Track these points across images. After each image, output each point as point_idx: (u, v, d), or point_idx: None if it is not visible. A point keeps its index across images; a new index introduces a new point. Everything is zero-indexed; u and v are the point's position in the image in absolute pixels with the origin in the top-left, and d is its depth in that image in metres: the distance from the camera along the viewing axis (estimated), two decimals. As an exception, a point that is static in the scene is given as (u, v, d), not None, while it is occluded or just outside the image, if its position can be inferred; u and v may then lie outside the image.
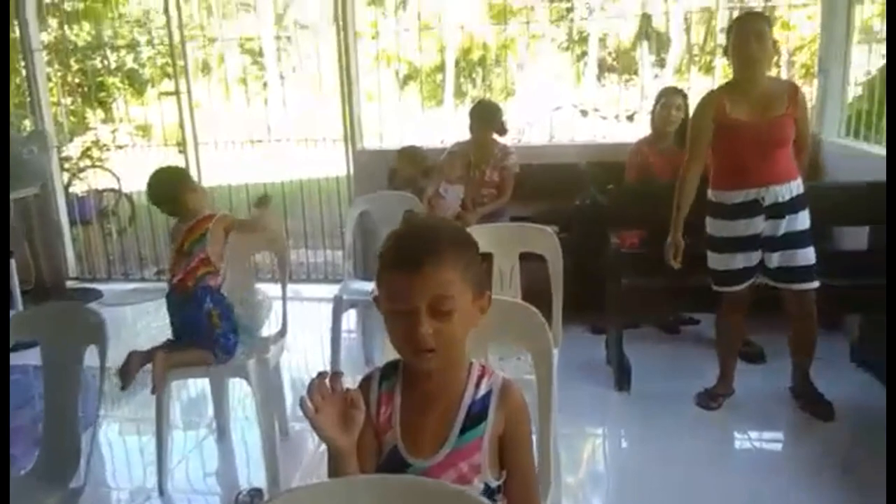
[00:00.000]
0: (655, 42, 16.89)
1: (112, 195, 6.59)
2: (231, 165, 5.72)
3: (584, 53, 17.51)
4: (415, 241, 1.11)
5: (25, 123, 5.28)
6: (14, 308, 3.91)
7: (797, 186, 2.71)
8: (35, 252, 4.74)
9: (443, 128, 6.52)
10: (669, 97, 3.72)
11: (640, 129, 4.96)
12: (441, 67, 15.57)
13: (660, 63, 16.90)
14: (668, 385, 3.20)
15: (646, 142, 3.82)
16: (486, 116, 3.98)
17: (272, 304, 2.78)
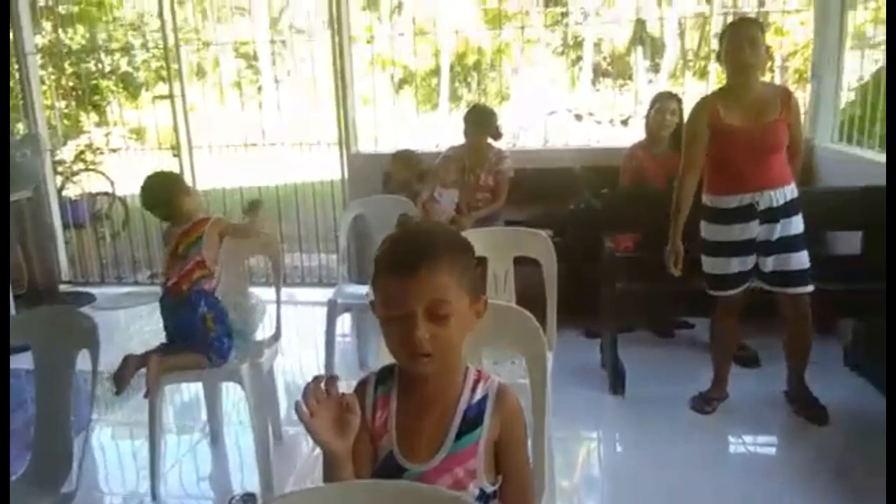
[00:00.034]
0: (650, 47, 16.95)
1: (106, 199, 6.56)
2: (226, 169, 5.71)
3: (579, 58, 17.57)
4: (411, 246, 1.10)
5: (18, 127, 5.26)
6: (6, 312, 3.89)
7: (791, 191, 2.73)
8: (28, 256, 4.73)
9: (438, 132, 6.53)
10: (664, 102, 3.73)
11: (635, 134, 4.99)
12: (436, 71, 15.62)
13: (654, 68, 16.96)
14: (663, 389, 3.21)
15: (640, 146, 3.83)
16: (481, 121, 3.98)
17: (266, 308, 2.77)
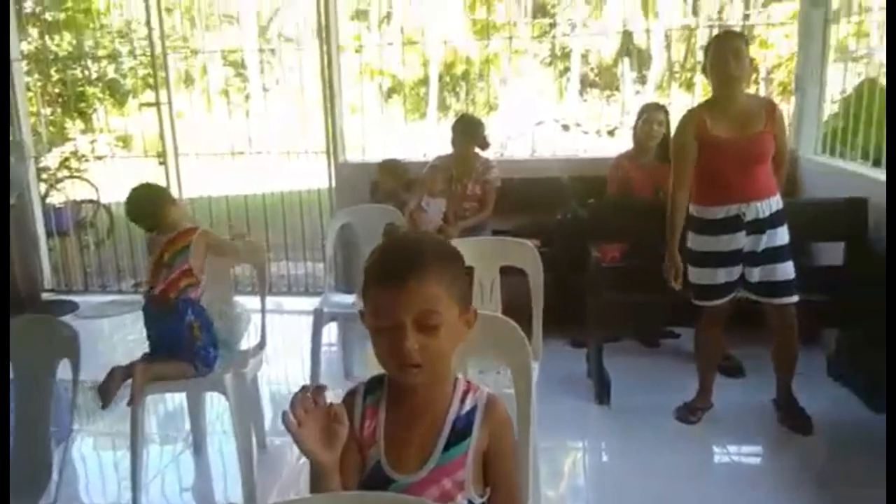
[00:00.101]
0: (637, 59, 17.10)
1: (90, 206, 6.51)
2: (212, 177, 5.69)
3: (567, 69, 17.68)
4: (400, 256, 1.10)
5: (2, 133, 5.22)
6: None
7: (777, 202, 2.75)
8: (10, 263, 4.66)
9: (426, 141, 6.54)
10: (651, 113, 3.76)
11: (621, 144, 5.02)
12: (424, 81, 15.66)
13: (641, 79, 17.10)
14: (648, 399, 3.21)
15: (627, 156, 3.85)
16: (469, 130, 4.00)
17: (251, 318, 2.76)
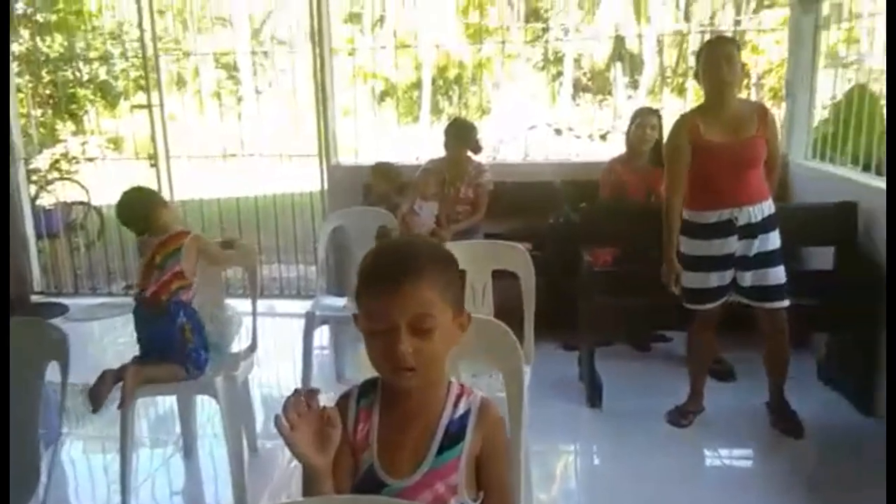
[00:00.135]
0: (629, 63, 17.18)
1: (81, 208, 6.47)
2: (204, 179, 5.67)
3: (560, 73, 17.73)
4: (394, 259, 1.10)
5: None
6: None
7: (769, 207, 2.76)
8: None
9: (419, 145, 6.54)
10: (644, 117, 3.77)
11: (613, 149, 5.04)
12: (417, 85, 15.66)
13: (633, 84, 17.17)
14: (640, 402, 3.22)
15: (619, 160, 3.86)
16: (462, 134, 4.00)
17: (242, 321, 2.75)
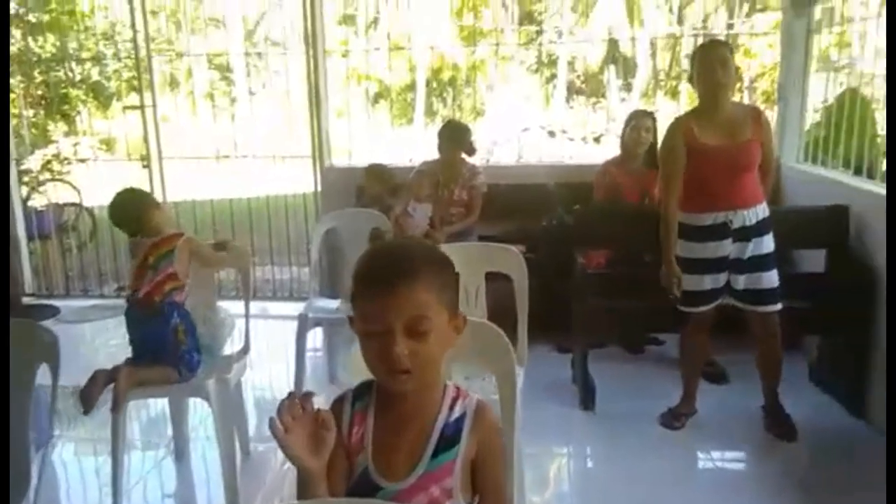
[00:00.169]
0: (622, 66, 17.23)
1: (73, 209, 6.43)
2: (197, 181, 5.65)
3: (553, 76, 17.75)
4: (390, 261, 1.09)
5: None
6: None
7: (763, 210, 2.77)
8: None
9: (413, 146, 6.54)
10: (639, 119, 3.78)
11: (607, 151, 5.04)
12: (412, 86, 15.67)
13: (627, 87, 17.22)
14: (633, 404, 3.22)
15: (614, 162, 3.87)
16: (455, 136, 4.00)
17: (235, 323, 2.74)
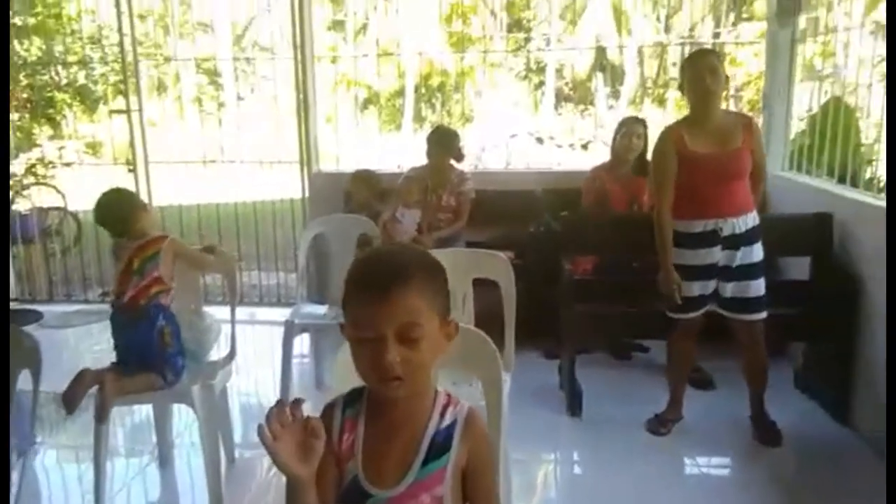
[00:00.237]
0: (610, 74, 17.35)
1: (57, 213, 6.38)
2: (183, 185, 5.62)
3: (542, 83, 17.84)
4: (382, 268, 1.08)
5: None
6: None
7: (753, 218, 2.79)
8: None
9: (402, 152, 6.54)
10: (630, 126, 3.80)
11: (595, 158, 5.08)
12: (400, 92, 15.70)
13: (614, 94, 17.34)
14: (619, 410, 3.23)
15: (603, 168, 3.89)
16: (444, 142, 4.01)
17: (221, 329, 2.72)
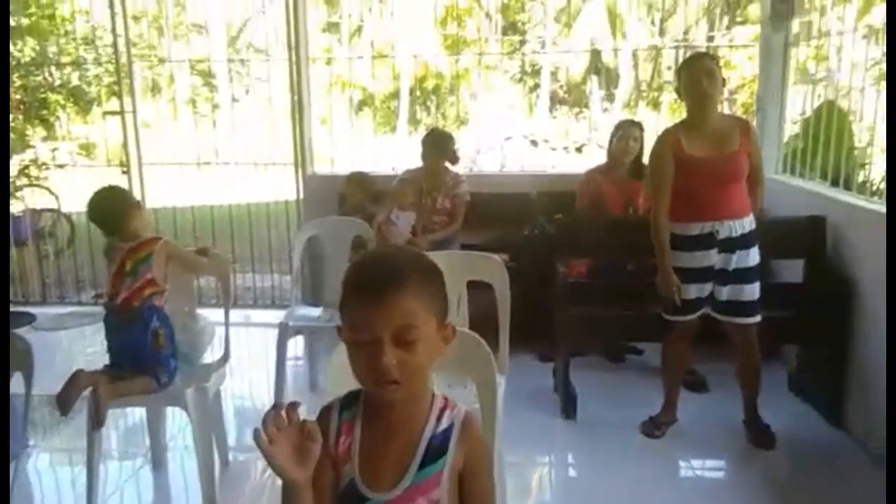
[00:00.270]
0: (605, 77, 17.39)
1: (50, 215, 6.35)
2: (177, 187, 5.60)
3: (537, 86, 17.86)
4: (379, 270, 1.08)
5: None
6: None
7: (749, 222, 2.79)
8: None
9: (397, 154, 6.53)
10: (627, 129, 3.80)
11: (589, 161, 5.08)
12: (395, 95, 15.71)
13: (609, 97, 17.37)
14: (614, 413, 3.23)
15: (599, 170, 3.89)
16: (439, 144, 4.01)
17: (215, 331, 2.71)
